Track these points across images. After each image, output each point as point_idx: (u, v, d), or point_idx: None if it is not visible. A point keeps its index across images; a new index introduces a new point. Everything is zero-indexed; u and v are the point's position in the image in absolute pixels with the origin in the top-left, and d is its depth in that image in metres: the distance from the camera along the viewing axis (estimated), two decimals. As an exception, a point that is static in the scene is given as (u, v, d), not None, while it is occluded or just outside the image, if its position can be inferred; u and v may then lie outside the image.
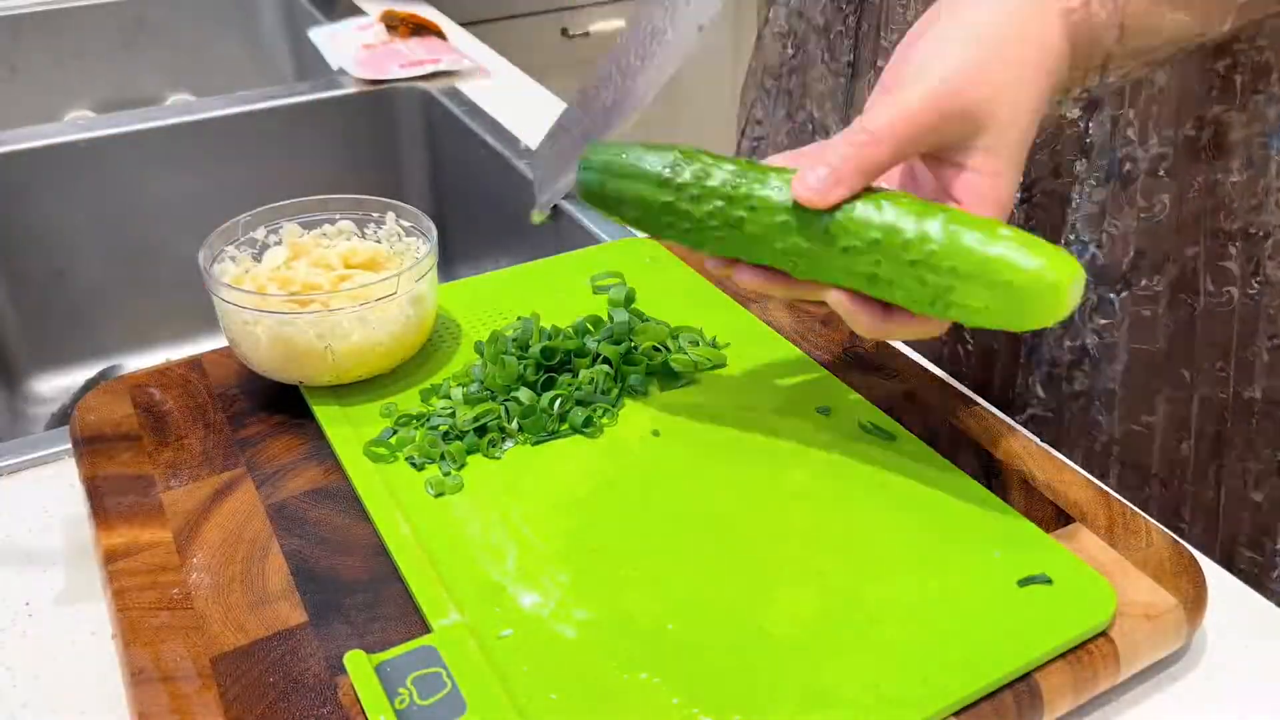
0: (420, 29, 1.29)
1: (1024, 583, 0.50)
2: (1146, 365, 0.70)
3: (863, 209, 0.50)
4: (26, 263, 1.10)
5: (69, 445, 0.63)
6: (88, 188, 1.09)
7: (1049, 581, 0.50)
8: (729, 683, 0.46)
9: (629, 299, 0.71)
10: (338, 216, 0.70)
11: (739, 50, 2.06)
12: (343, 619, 0.50)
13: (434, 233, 0.67)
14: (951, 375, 0.68)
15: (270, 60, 1.55)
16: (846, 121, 0.74)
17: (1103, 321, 0.70)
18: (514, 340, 0.65)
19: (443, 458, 0.58)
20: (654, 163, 0.53)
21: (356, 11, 1.40)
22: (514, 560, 0.52)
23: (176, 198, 1.13)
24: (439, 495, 0.56)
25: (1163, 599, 0.50)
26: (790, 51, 0.82)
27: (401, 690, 0.45)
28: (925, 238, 0.48)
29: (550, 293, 0.73)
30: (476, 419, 0.60)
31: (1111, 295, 0.70)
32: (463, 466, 0.58)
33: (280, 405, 0.63)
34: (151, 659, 0.48)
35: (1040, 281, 0.46)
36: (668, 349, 0.66)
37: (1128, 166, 0.67)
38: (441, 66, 1.21)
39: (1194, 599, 0.50)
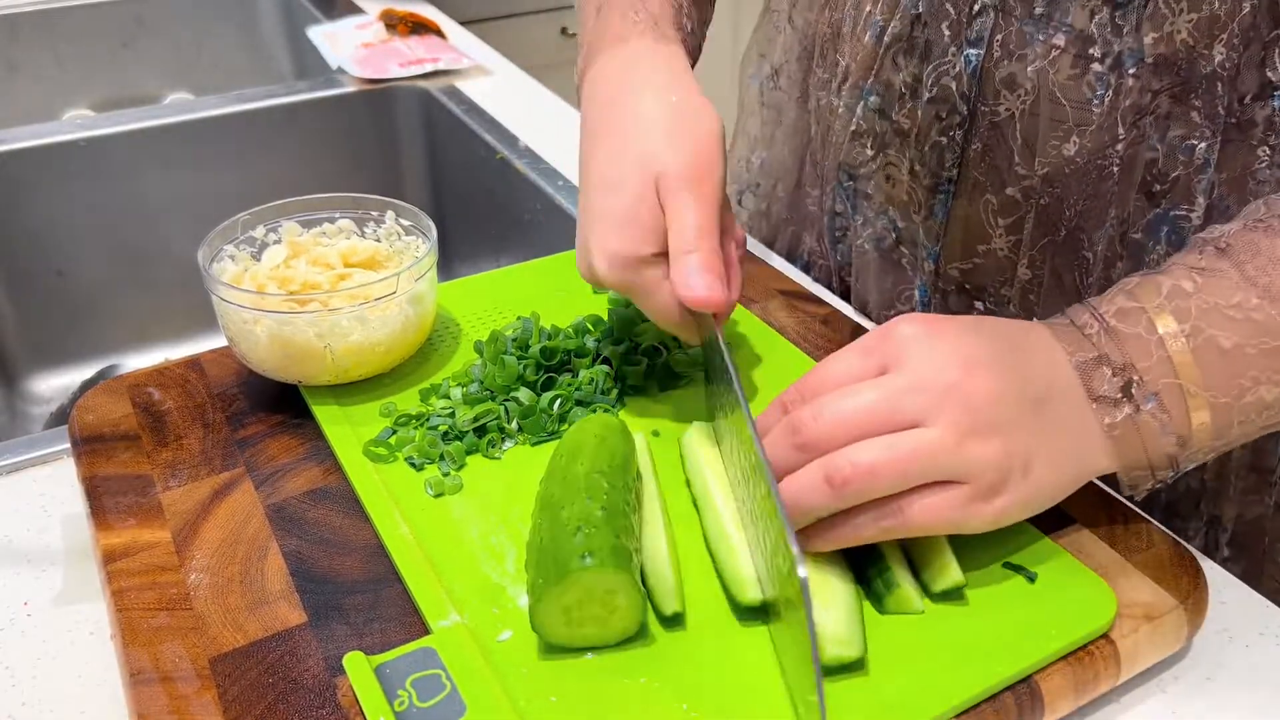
0: (419, 28, 1.29)
1: (1007, 566, 0.51)
2: None
3: None
4: (26, 262, 1.10)
5: (68, 445, 0.62)
6: (87, 187, 1.09)
7: (1033, 578, 0.50)
8: (728, 684, 0.46)
9: (629, 300, 0.71)
10: (337, 215, 0.70)
11: (738, 49, 2.06)
12: (342, 620, 0.50)
13: (433, 231, 0.67)
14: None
15: (269, 59, 1.55)
16: (942, 241, 0.70)
17: None
18: (514, 340, 0.65)
19: (442, 458, 0.58)
20: None
21: (355, 10, 1.39)
22: (514, 561, 0.52)
23: (175, 197, 1.13)
24: (438, 495, 0.56)
25: (1163, 600, 0.50)
26: (870, 153, 0.74)
27: (401, 692, 0.45)
28: None
29: (550, 292, 0.73)
30: (476, 419, 0.60)
31: None
32: (462, 467, 0.58)
33: (279, 405, 0.63)
34: (150, 659, 0.47)
35: None
36: (668, 349, 0.66)
37: None
38: (441, 65, 1.21)
39: (1195, 600, 0.50)
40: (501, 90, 1.19)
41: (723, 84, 2.09)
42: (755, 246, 0.85)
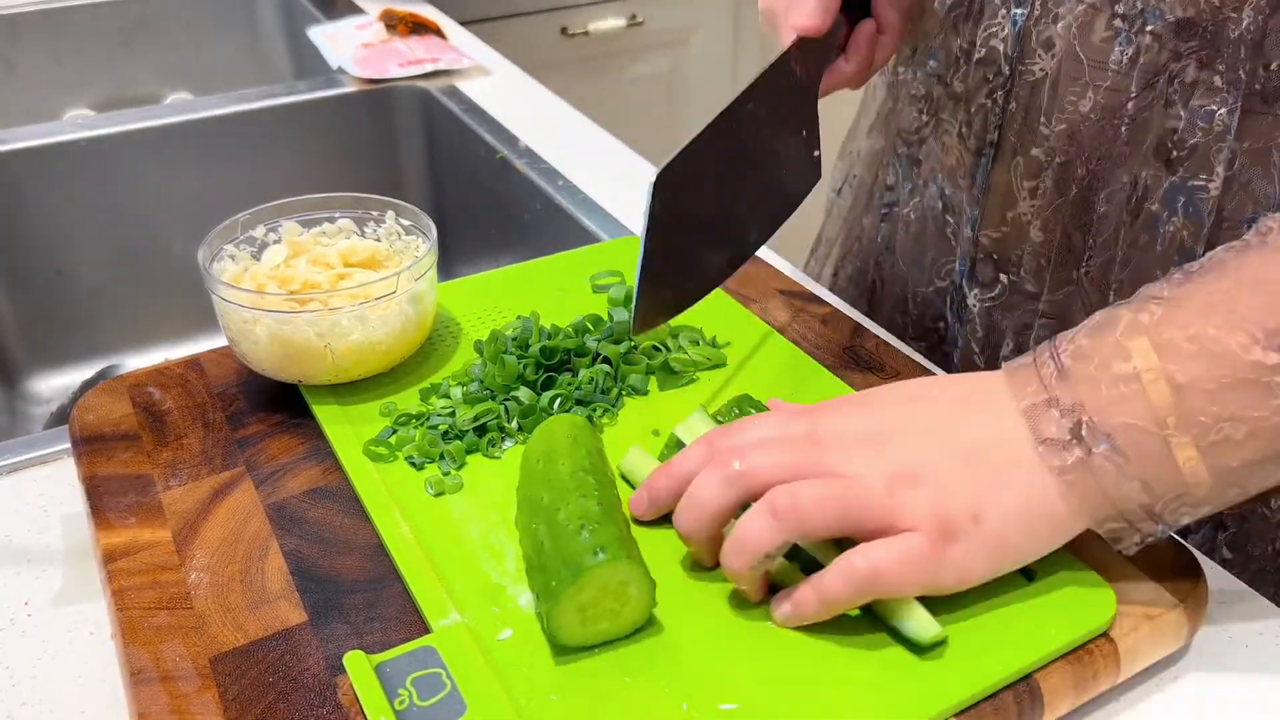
0: (419, 28, 1.29)
1: None
2: None
3: None
4: (25, 262, 1.10)
5: (68, 445, 0.62)
6: (87, 187, 1.09)
7: (1031, 576, 0.50)
8: (728, 684, 0.46)
9: (629, 298, 0.71)
10: (337, 215, 0.70)
11: (738, 49, 2.06)
12: (342, 619, 0.50)
13: (433, 231, 0.67)
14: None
15: (269, 59, 1.55)
16: (979, 205, 0.71)
17: None
18: (514, 339, 0.65)
19: (442, 457, 0.58)
20: None
21: (355, 10, 1.39)
22: (513, 561, 0.52)
23: (175, 197, 1.13)
24: (439, 495, 0.56)
25: (1163, 599, 0.50)
26: (925, 118, 0.75)
27: (401, 691, 0.45)
28: None
29: (550, 292, 0.73)
30: (476, 418, 0.60)
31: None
32: (462, 466, 0.58)
33: (279, 404, 0.63)
34: (151, 659, 0.47)
35: None
36: (668, 348, 0.66)
37: None
38: (441, 65, 1.21)
39: (1194, 599, 0.50)
40: (501, 90, 1.19)
41: (723, 85, 2.09)
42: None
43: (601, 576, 0.46)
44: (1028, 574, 0.50)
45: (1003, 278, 0.71)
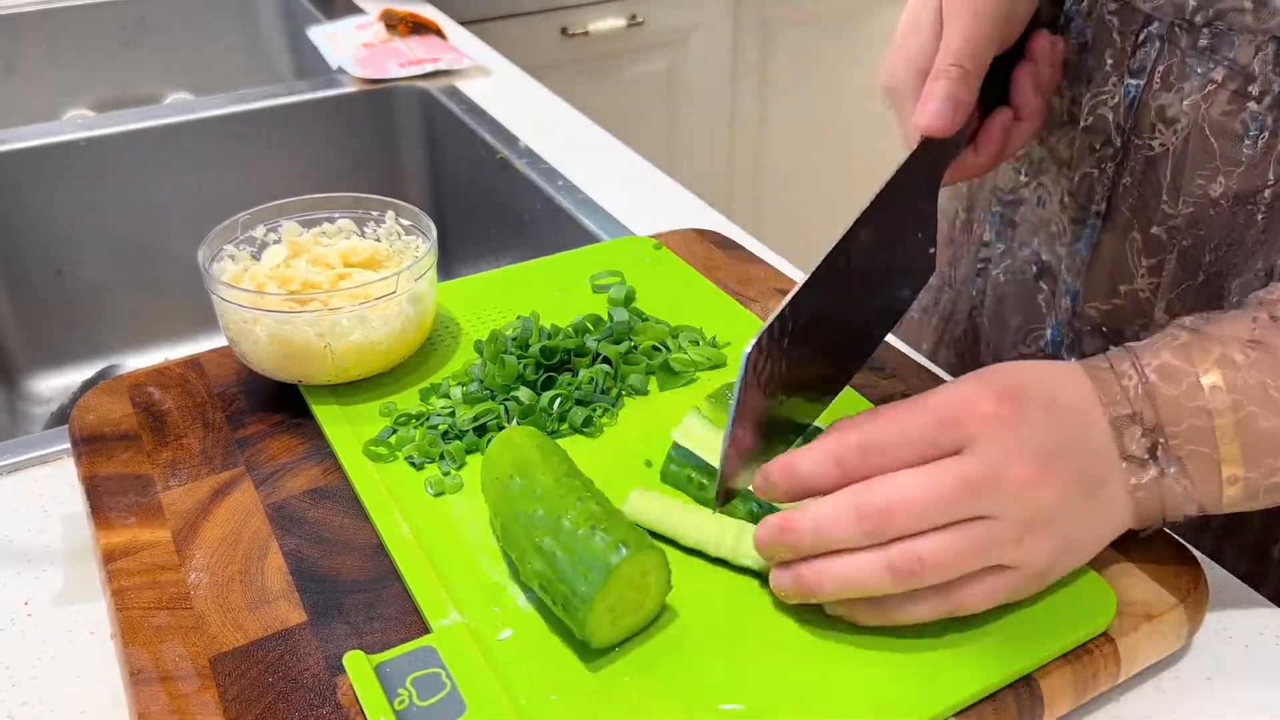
0: (419, 28, 1.29)
1: None
2: None
3: None
4: (26, 262, 1.10)
5: (68, 445, 0.62)
6: (87, 187, 1.09)
7: None
8: (728, 684, 0.46)
9: (629, 298, 0.71)
10: (337, 215, 0.70)
11: (738, 49, 2.06)
12: (342, 619, 0.50)
13: (433, 231, 0.67)
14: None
15: (269, 59, 1.55)
16: (1082, 275, 0.67)
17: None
18: (514, 339, 0.65)
19: (442, 457, 0.58)
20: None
21: (355, 10, 1.39)
22: (514, 561, 0.52)
23: (175, 197, 1.13)
24: (438, 495, 0.56)
25: (1163, 599, 0.50)
26: (1024, 178, 0.72)
27: (401, 691, 0.45)
28: None
29: (550, 292, 0.73)
30: (476, 418, 0.60)
31: None
32: (462, 466, 0.58)
33: (279, 404, 0.63)
34: (151, 659, 0.47)
35: None
36: (668, 348, 0.66)
37: None
38: (441, 65, 1.21)
39: (1194, 599, 0.50)
40: (501, 90, 1.19)
41: (723, 85, 2.10)
42: (756, 246, 0.85)
43: (627, 572, 0.46)
44: None
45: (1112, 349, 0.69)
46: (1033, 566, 0.47)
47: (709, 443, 0.55)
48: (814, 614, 0.49)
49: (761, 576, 0.50)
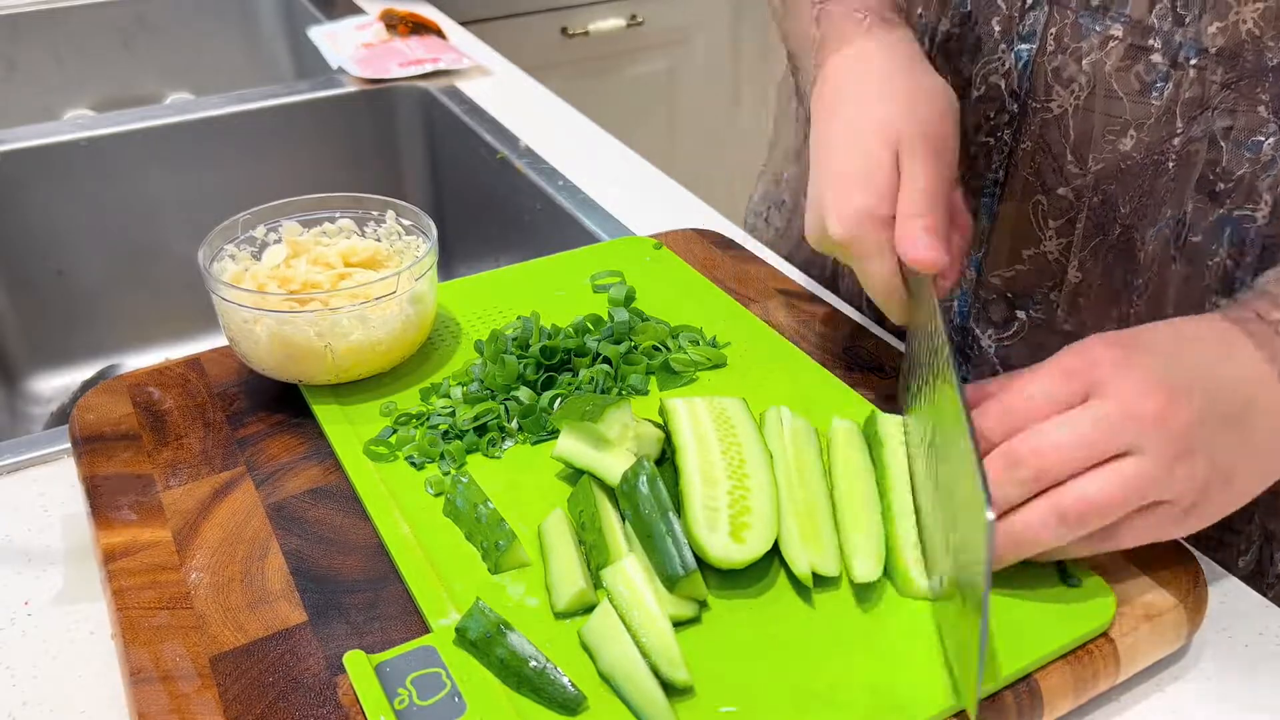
0: (419, 28, 1.29)
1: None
2: None
3: None
4: (26, 262, 1.10)
5: (68, 445, 0.63)
6: (87, 187, 1.09)
7: (1076, 583, 0.50)
8: (728, 683, 0.46)
9: (629, 298, 0.71)
10: (337, 214, 0.70)
11: (738, 49, 2.06)
12: (342, 619, 0.50)
13: (434, 231, 0.67)
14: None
15: (269, 59, 1.55)
16: (986, 245, 0.69)
17: None
18: (514, 339, 0.65)
19: (442, 457, 0.58)
20: None
21: (356, 10, 1.39)
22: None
23: (176, 197, 1.13)
24: (439, 495, 0.56)
25: (1163, 599, 0.50)
26: None
27: (401, 690, 0.45)
28: None
29: (550, 292, 0.73)
30: (476, 418, 0.60)
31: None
32: (462, 466, 0.58)
33: (280, 404, 0.63)
34: (151, 658, 0.47)
35: None
36: (668, 348, 0.66)
37: None
38: (441, 65, 1.21)
39: (1194, 599, 0.50)
40: (501, 90, 1.19)
41: (723, 85, 2.10)
42: (756, 247, 0.85)
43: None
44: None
45: (1020, 315, 0.70)
46: (1185, 498, 0.47)
47: (583, 456, 0.55)
48: (813, 614, 0.49)
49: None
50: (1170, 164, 0.60)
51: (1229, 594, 0.55)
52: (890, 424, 0.58)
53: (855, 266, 0.58)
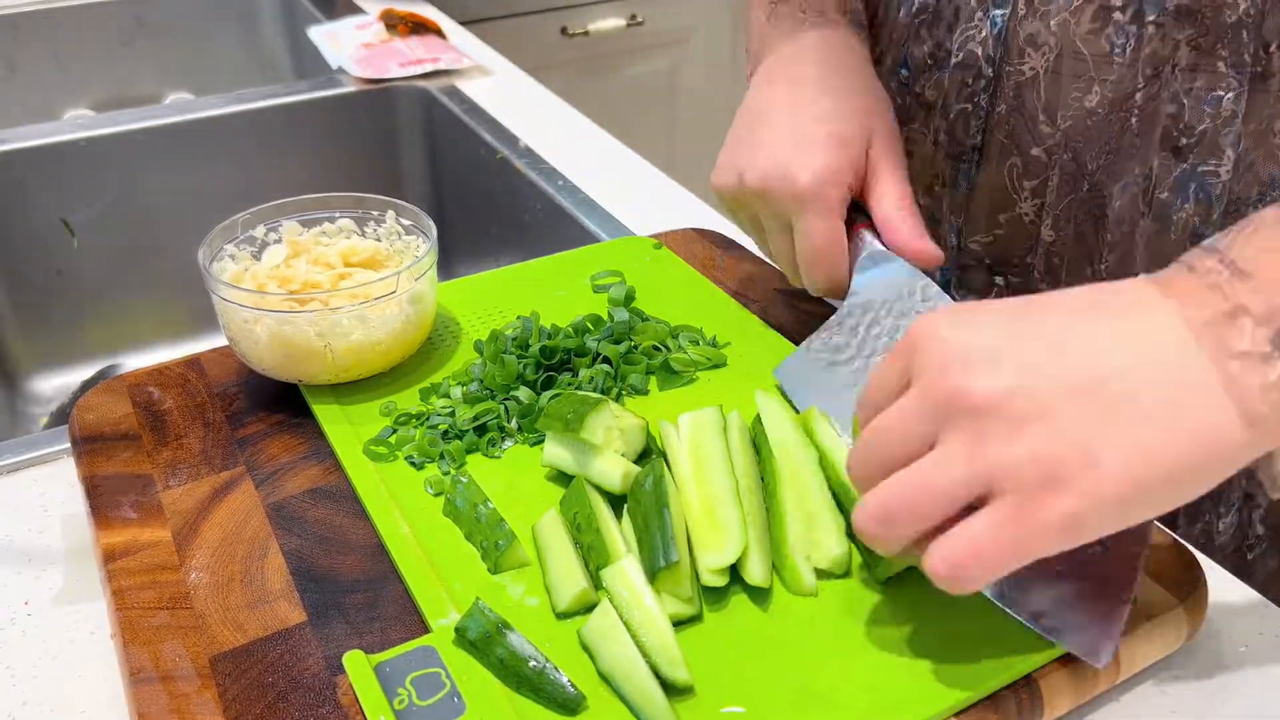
0: (419, 28, 1.29)
1: None
2: None
3: None
4: (26, 262, 1.10)
5: (68, 445, 0.62)
6: (87, 187, 1.09)
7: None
8: (728, 684, 0.46)
9: (629, 298, 0.71)
10: (337, 214, 0.70)
11: (738, 49, 2.06)
12: (342, 619, 0.50)
13: (434, 231, 0.67)
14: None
15: (269, 59, 1.55)
16: (965, 213, 0.70)
17: None
18: (514, 339, 0.65)
19: (442, 457, 0.58)
20: None
21: (356, 10, 1.39)
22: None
23: (175, 197, 1.13)
24: (439, 494, 0.56)
25: (1163, 599, 0.50)
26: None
27: (401, 690, 0.45)
28: None
29: (550, 292, 0.73)
30: (476, 418, 0.60)
31: None
32: (462, 465, 0.58)
33: (280, 404, 0.63)
34: (151, 658, 0.47)
35: None
36: (668, 348, 0.66)
37: None
38: (441, 65, 1.21)
39: (1194, 599, 0.50)
40: (501, 90, 1.19)
41: (723, 85, 2.10)
42: (756, 247, 0.85)
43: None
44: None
45: (998, 280, 0.71)
46: (1019, 485, 0.39)
47: (573, 463, 0.55)
48: (814, 613, 0.49)
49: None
50: (1134, 120, 0.61)
51: (1229, 594, 0.55)
52: (771, 408, 0.58)
53: (798, 224, 0.60)
